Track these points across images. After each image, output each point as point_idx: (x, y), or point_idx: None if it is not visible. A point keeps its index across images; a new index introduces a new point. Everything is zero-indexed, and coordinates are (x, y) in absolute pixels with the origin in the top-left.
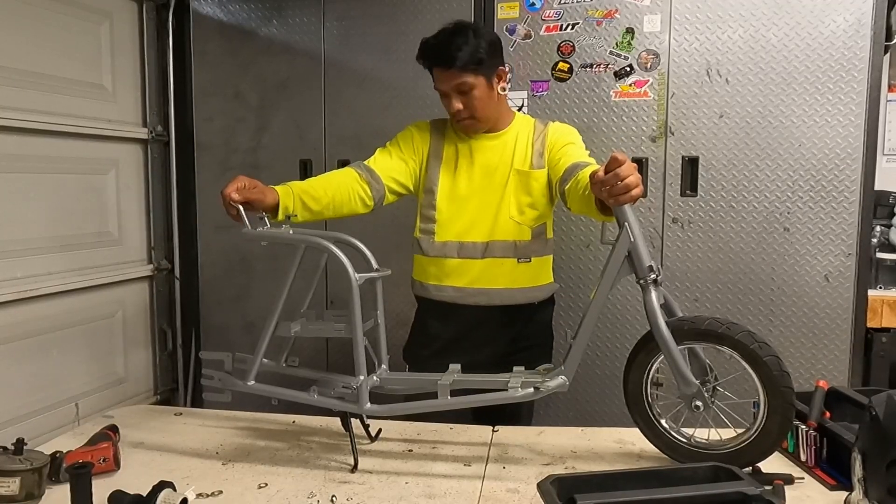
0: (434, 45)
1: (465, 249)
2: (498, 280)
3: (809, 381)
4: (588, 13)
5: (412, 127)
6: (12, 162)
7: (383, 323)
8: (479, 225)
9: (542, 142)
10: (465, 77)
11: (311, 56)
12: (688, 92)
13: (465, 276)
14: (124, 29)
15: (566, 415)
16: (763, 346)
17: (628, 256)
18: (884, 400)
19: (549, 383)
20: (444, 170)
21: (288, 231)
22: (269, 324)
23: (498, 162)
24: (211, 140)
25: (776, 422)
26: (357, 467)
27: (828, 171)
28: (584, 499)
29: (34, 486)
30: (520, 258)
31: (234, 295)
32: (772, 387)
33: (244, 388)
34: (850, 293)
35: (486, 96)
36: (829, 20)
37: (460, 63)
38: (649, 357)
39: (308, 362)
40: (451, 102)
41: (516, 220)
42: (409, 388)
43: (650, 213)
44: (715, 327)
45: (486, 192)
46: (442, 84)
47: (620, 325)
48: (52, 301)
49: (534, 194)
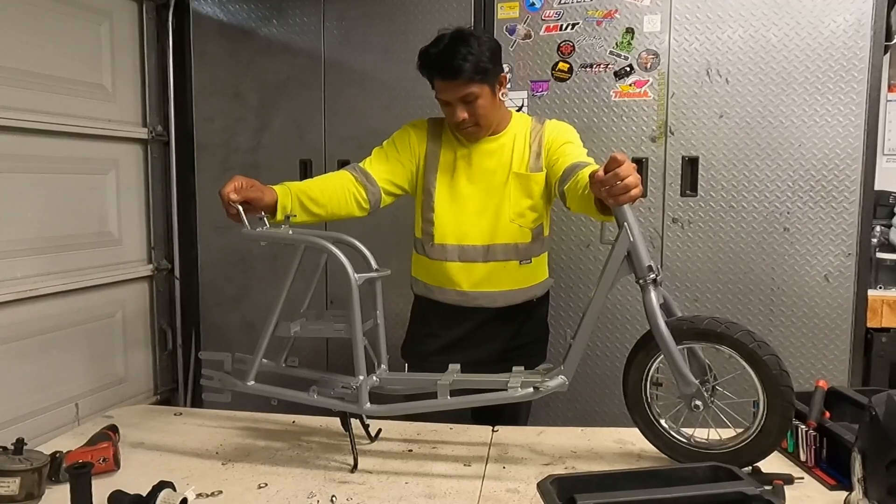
0: (436, 55)
1: (466, 253)
2: (501, 283)
3: (809, 381)
4: (588, 13)
5: (409, 126)
6: (12, 162)
7: (383, 323)
8: (480, 228)
9: (538, 142)
10: (470, 88)
11: (311, 56)
12: (688, 92)
13: (468, 280)
14: (124, 29)
15: (566, 415)
16: (762, 345)
17: (628, 256)
18: (884, 400)
19: (549, 383)
20: (442, 173)
21: (287, 231)
22: (269, 324)
23: (496, 165)
24: (211, 140)
25: (775, 421)
26: (357, 467)
27: (828, 171)
28: (584, 499)
29: (34, 486)
30: (522, 260)
31: (234, 295)
32: (771, 386)
33: (244, 389)
34: (850, 293)
35: (490, 104)
36: (829, 20)
37: (466, 75)
38: (648, 357)
39: (308, 362)
40: (456, 112)
41: (517, 223)
42: (408, 388)
43: (650, 213)
44: (714, 327)
45: (486, 196)
46: (446, 95)
47: (620, 324)
48: (52, 301)
49: (534, 197)
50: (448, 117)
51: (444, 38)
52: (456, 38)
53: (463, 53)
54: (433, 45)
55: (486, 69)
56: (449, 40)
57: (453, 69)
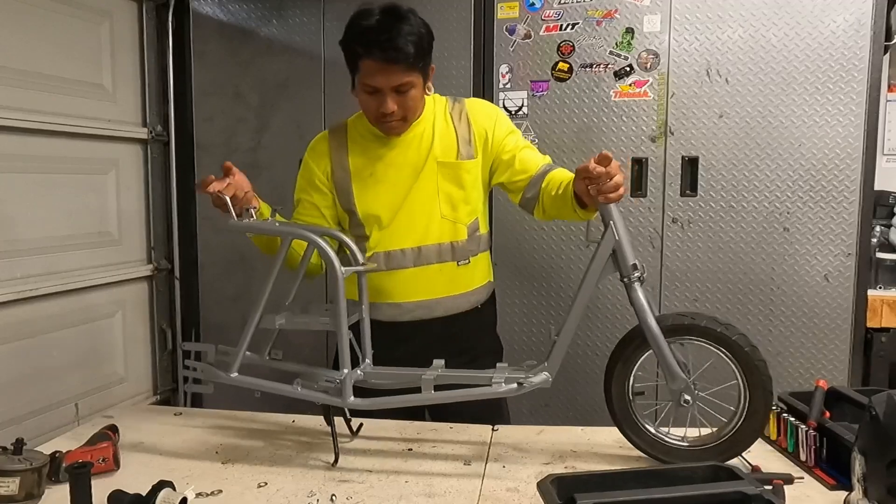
0: (376, 30)
1: (393, 259)
2: (437, 289)
3: (809, 380)
4: (588, 13)
5: (307, 157)
6: (12, 162)
7: (368, 317)
8: (408, 230)
9: (466, 126)
10: (409, 76)
11: (311, 56)
12: (688, 92)
13: (399, 290)
14: (124, 29)
15: (566, 414)
16: (729, 327)
17: (613, 255)
18: (884, 400)
19: (533, 379)
20: (357, 183)
21: (274, 224)
22: (253, 316)
23: (415, 156)
24: (211, 140)
25: (759, 397)
26: (337, 462)
27: (828, 171)
28: (584, 498)
29: (34, 486)
30: (459, 261)
31: (234, 294)
32: (746, 364)
33: (226, 380)
34: (850, 293)
35: (420, 97)
36: (829, 20)
37: (410, 60)
38: (627, 369)
39: (307, 358)
40: (385, 102)
41: (449, 218)
42: (392, 382)
43: (650, 213)
44: (680, 321)
45: (411, 193)
46: (378, 81)
47: (620, 324)
48: (53, 301)
49: (466, 187)
50: (370, 109)
51: (374, 12)
52: (393, 12)
53: (406, 32)
54: (362, 16)
55: (426, 56)
56: (384, 14)
57: (396, 50)
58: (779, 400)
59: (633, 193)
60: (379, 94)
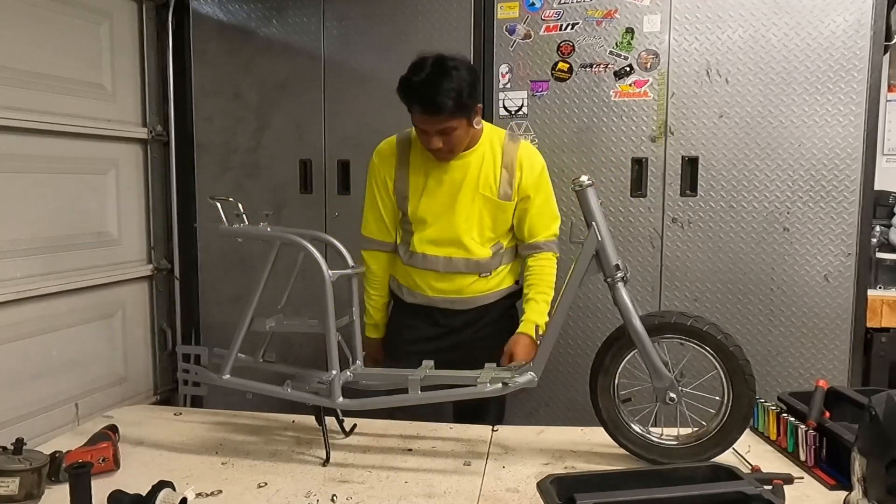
0: (419, 87)
1: (429, 262)
2: (462, 291)
3: (809, 381)
4: (588, 13)
5: (375, 158)
6: (12, 162)
7: (358, 319)
8: (444, 240)
9: (511, 171)
10: (450, 123)
11: (311, 56)
12: (688, 92)
13: (433, 287)
14: (124, 29)
15: (566, 415)
16: (699, 318)
17: (596, 255)
18: (884, 400)
19: (518, 379)
20: (412, 190)
21: (265, 229)
22: (245, 319)
23: (461, 181)
24: (211, 140)
25: (740, 382)
26: (329, 460)
27: (828, 171)
28: (584, 498)
29: (34, 485)
30: (481, 273)
31: (234, 295)
32: (723, 352)
33: (219, 382)
34: (850, 293)
35: (465, 133)
36: (829, 20)
37: (447, 112)
38: (609, 379)
39: (307, 360)
40: (431, 140)
41: (477, 240)
42: (381, 383)
43: (650, 212)
44: (650, 322)
45: (452, 211)
46: (424, 125)
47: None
48: (53, 301)
49: (497, 222)
50: (422, 141)
51: (426, 66)
52: (438, 69)
53: (446, 89)
54: (414, 72)
55: (467, 105)
56: (431, 70)
57: (436, 105)
58: (779, 400)
59: (633, 193)
60: (426, 134)
